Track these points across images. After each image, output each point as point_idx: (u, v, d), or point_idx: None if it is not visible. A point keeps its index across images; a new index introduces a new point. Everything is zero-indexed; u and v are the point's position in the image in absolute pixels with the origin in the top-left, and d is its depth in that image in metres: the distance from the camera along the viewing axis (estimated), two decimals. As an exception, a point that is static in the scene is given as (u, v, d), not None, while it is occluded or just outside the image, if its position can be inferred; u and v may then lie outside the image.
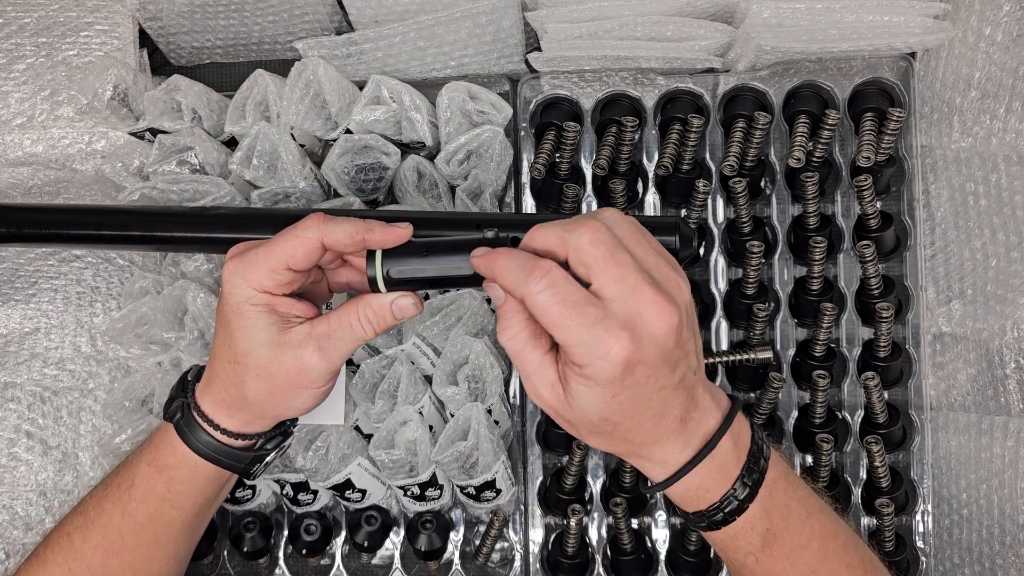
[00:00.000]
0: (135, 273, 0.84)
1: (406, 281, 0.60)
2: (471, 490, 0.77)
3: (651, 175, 0.83)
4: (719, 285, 0.83)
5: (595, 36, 0.80)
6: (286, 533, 0.86)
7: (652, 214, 0.84)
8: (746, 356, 0.79)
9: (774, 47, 0.77)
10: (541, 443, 0.83)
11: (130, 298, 0.81)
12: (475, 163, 0.79)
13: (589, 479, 0.83)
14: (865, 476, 0.81)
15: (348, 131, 0.79)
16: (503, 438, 0.80)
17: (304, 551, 0.84)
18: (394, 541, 0.85)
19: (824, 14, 0.76)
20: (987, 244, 0.78)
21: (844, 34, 0.77)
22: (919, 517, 0.81)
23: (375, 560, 0.86)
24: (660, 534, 0.83)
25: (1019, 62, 0.75)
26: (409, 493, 0.78)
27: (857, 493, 0.81)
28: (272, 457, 0.69)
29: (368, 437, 0.79)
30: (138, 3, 0.84)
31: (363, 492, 0.79)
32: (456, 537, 0.85)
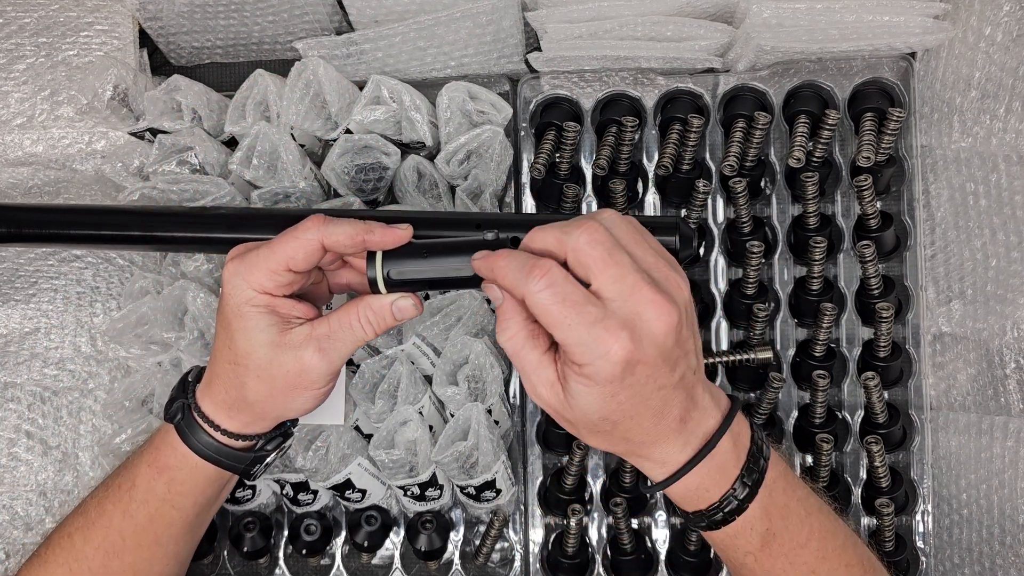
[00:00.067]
0: (135, 273, 0.84)
1: (406, 282, 0.60)
2: (471, 490, 0.77)
3: (651, 175, 0.83)
4: (719, 285, 0.83)
5: (595, 36, 0.80)
6: (286, 533, 0.86)
7: (652, 214, 0.84)
8: (746, 356, 0.79)
9: (774, 47, 0.77)
10: (541, 443, 0.83)
11: (130, 298, 0.81)
12: (475, 163, 0.79)
13: (589, 479, 0.83)
14: (865, 476, 0.81)
15: (348, 131, 0.79)
16: (503, 438, 0.80)
17: (304, 551, 0.84)
18: (394, 541, 0.85)
19: (824, 14, 0.76)
20: (987, 244, 0.78)
21: (844, 34, 0.77)
22: (919, 517, 0.81)
23: (375, 560, 0.86)
24: (660, 534, 0.83)
25: (1019, 62, 0.75)
26: (409, 493, 0.78)
27: (857, 493, 0.81)
28: (272, 458, 0.69)
29: (368, 437, 0.79)
30: (138, 3, 0.84)
31: (363, 492, 0.79)
32: (456, 537, 0.85)
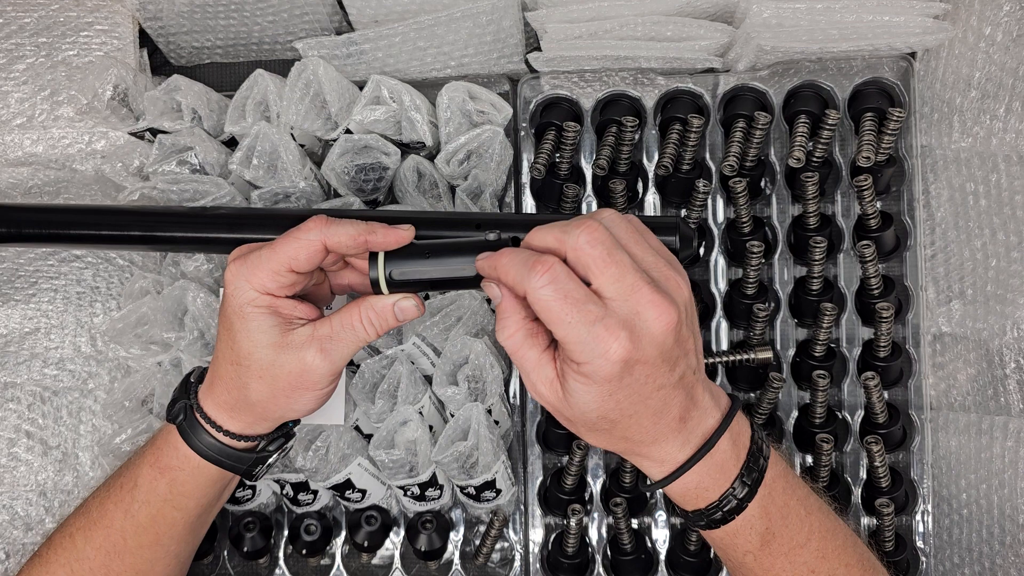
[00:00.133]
0: (135, 273, 0.84)
1: (408, 283, 0.60)
2: (471, 490, 0.77)
3: (651, 175, 0.83)
4: (719, 285, 0.83)
5: (595, 36, 0.80)
6: (286, 533, 0.86)
7: (652, 214, 0.84)
8: (746, 356, 0.79)
9: (774, 47, 0.77)
10: (541, 443, 0.83)
11: (130, 298, 0.81)
12: (475, 163, 0.79)
13: (589, 479, 0.83)
14: (865, 476, 0.81)
15: (348, 131, 0.79)
16: (503, 438, 0.80)
17: (304, 551, 0.84)
18: (394, 541, 0.85)
19: (824, 14, 0.76)
20: (987, 244, 0.78)
21: (844, 34, 0.77)
22: (919, 517, 0.81)
23: (375, 560, 0.86)
24: (660, 534, 0.83)
25: (1019, 62, 0.75)
26: (409, 493, 0.78)
27: (857, 493, 0.81)
28: (275, 458, 0.69)
29: (368, 437, 0.79)
30: (138, 3, 0.84)
31: (363, 492, 0.79)
32: (456, 537, 0.85)
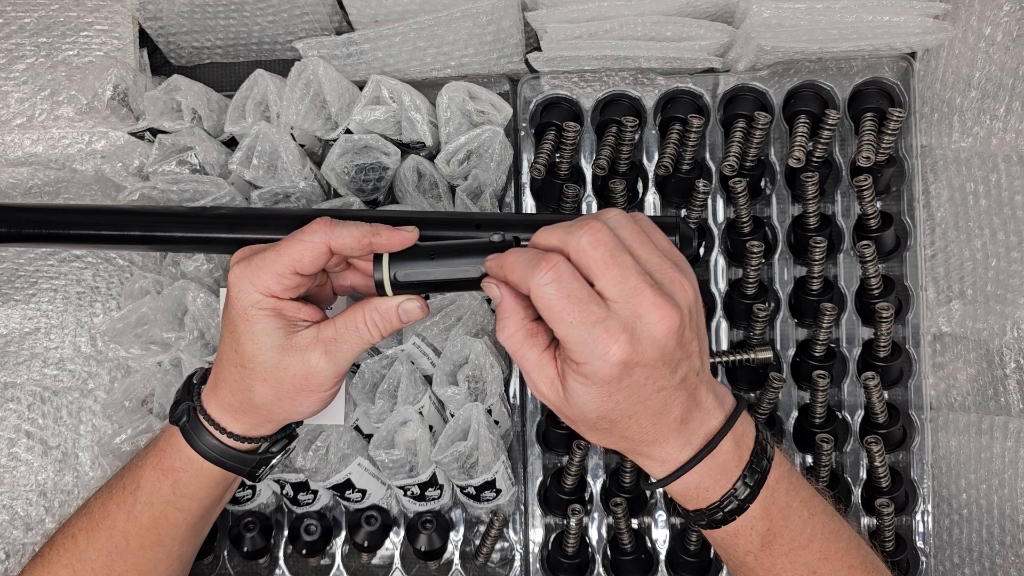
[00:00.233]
0: (135, 273, 0.84)
1: (412, 284, 0.60)
2: (471, 490, 0.76)
3: (651, 175, 0.83)
4: (719, 285, 0.83)
5: (595, 36, 0.80)
6: (286, 533, 0.86)
7: (652, 214, 0.84)
8: (746, 356, 0.79)
9: (774, 47, 0.77)
10: (541, 443, 0.83)
11: (130, 298, 0.81)
12: (475, 163, 0.79)
13: (589, 479, 0.83)
14: (865, 476, 0.81)
15: (348, 131, 0.79)
16: (503, 438, 0.80)
17: (304, 551, 0.84)
18: (394, 541, 0.85)
19: (824, 14, 0.76)
20: (987, 244, 0.78)
21: (844, 34, 0.77)
22: (919, 517, 0.81)
23: (375, 560, 0.86)
24: (660, 534, 0.83)
25: (1019, 62, 0.75)
26: (409, 493, 0.78)
27: (857, 493, 0.81)
28: (278, 460, 0.69)
29: (368, 437, 0.79)
30: (138, 3, 0.84)
31: (363, 492, 0.79)
32: (456, 537, 0.85)
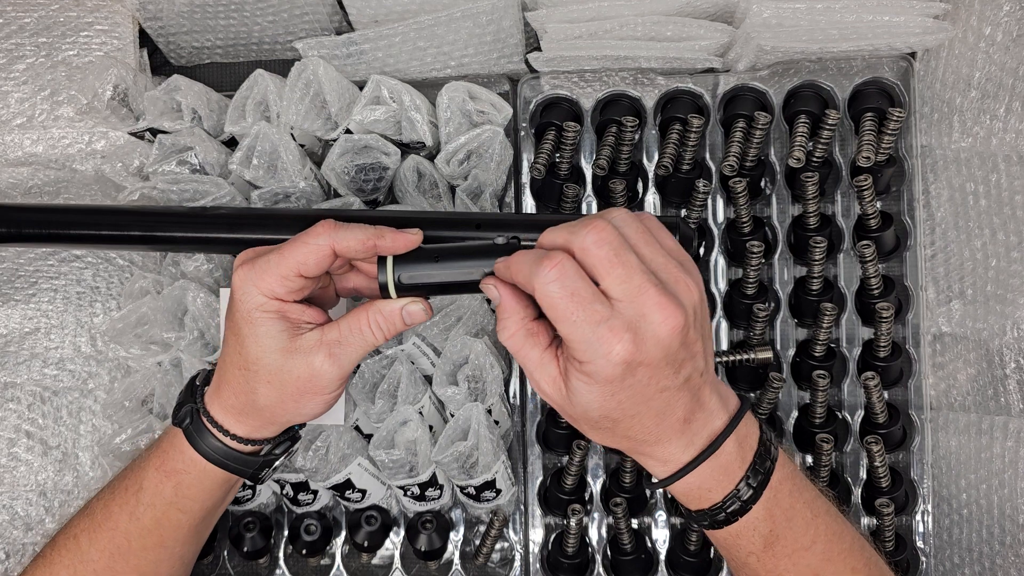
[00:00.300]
0: (135, 273, 0.83)
1: (416, 287, 0.60)
2: (471, 490, 0.77)
3: (651, 175, 0.83)
4: (719, 285, 0.83)
5: (595, 36, 0.80)
6: (286, 533, 0.86)
7: (652, 214, 0.84)
8: (746, 356, 0.79)
9: (774, 47, 0.77)
10: (541, 443, 0.83)
11: (130, 298, 0.81)
12: (475, 163, 0.79)
13: (589, 479, 0.83)
14: (865, 476, 0.81)
15: (348, 131, 0.79)
16: (503, 438, 0.80)
17: (304, 551, 0.84)
18: (394, 541, 0.85)
19: (824, 14, 0.76)
20: (987, 244, 0.78)
21: (844, 34, 0.77)
22: (919, 517, 0.81)
23: (375, 560, 0.86)
24: (660, 534, 0.83)
25: (1019, 62, 0.76)
26: (409, 493, 0.78)
27: (857, 493, 0.81)
28: (280, 462, 0.69)
29: (368, 437, 0.79)
30: (138, 3, 0.84)
31: (363, 492, 0.79)
32: (456, 537, 0.85)
